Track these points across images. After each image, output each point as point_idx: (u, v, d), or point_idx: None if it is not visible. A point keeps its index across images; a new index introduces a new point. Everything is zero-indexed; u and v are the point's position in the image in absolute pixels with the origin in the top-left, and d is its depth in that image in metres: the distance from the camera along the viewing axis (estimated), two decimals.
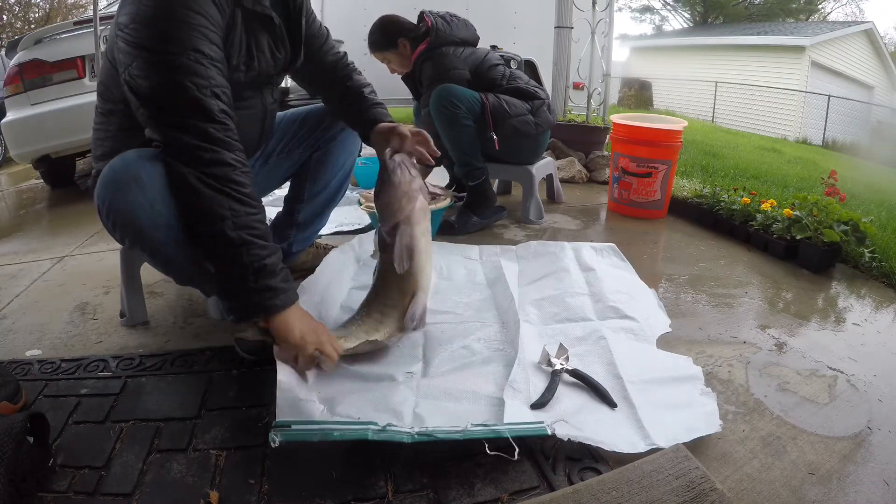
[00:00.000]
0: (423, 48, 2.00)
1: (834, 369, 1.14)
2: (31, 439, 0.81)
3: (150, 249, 0.97)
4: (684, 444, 0.84)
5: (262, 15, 1.05)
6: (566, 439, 0.85)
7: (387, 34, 2.06)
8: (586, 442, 0.85)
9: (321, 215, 1.48)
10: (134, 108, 0.94)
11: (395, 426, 0.85)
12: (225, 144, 0.91)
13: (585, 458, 0.85)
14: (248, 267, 0.90)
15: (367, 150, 1.49)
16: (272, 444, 0.80)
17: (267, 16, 1.06)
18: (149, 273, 1.55)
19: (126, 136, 1.02)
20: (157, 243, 0.96)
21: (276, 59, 1.14)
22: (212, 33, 0.92)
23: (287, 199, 1.45)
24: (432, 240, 1.81)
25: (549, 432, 0.85)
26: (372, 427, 0.84)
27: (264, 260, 0.91)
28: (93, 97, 1.16)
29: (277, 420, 0.85)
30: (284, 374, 0.91)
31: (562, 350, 1.07)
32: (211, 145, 0.89)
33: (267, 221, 0.99)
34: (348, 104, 1.30)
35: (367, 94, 1.30)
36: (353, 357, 1.02)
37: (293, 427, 0.83)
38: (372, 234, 1.55)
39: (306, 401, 0.88)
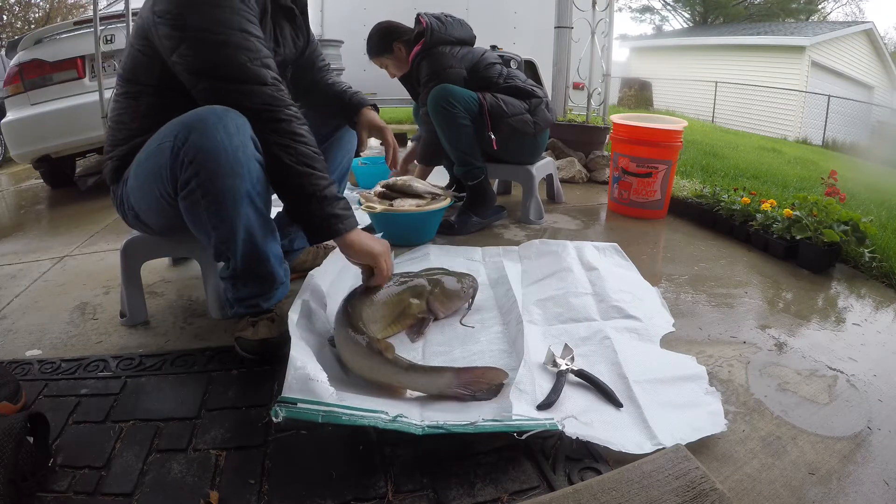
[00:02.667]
0: (418, 49, 2.01)
1: (834, 369, 1.14)
2: (31, 439, 0.81)
3: (212, 196, 0.97)
4: (688, 443, 0.84)
5: (286, 7, 1.22)
6: (575, 437, 0.85)
7: (382, 40, 2.09)
8: (595, 441, 0.85)
9: None
10: (189, 86, 1.02)
11: (406, 417, 0.83)
12: (280, 102, 1.01)
13: (585, 458, 0.85)
14: (312, 196, 1.02)
15: (368, 151, 1.49)
16: (274, 418, 0.78)
17: (289, 7, 1.23)
18: (149, 273, 1.56)
19: (157, 114, 1.08)
20: (224, 190, 0.97)
21: (297, 46, 1.29)
22: (252, 16, 1.03)
23: None
24: (432, 240, 1.83)
25: (560, 427, 0.85)
26: (382, 416, 0.82)
27: (324, 191, 1.03)
28: (93, 97, 1.19)
29: (283, 395, 0.82)
30: (298, 352, 0.89)
31: (567, 350, 1.07)
32: (268, 105, 1.00)
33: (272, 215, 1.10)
34: (331, 99, 1.44)
35: (347, 89, 1.46)
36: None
37: (299, 405, 0.81)
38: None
39: (317, 381, 0.85)
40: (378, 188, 1.88)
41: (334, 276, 1.30)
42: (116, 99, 1.15)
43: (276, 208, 1.49)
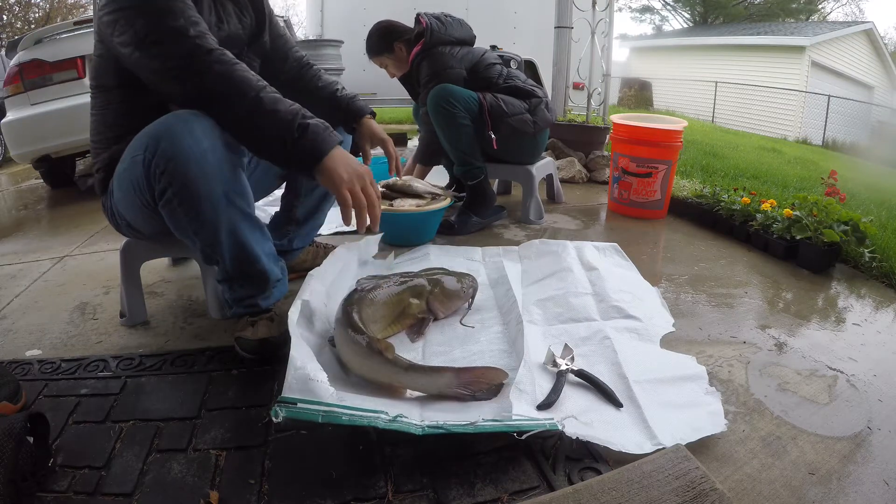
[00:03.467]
0: (418, 48, 2.01)
1: (834, 369, 1.14)
2: (31, 439, 0.81)
3: (188, 202, 0.97)
4: (688, 443, 0.84)
5: None
6: (575, 437, 0.85)
7: (382, 39, 2.08)
8: (594, 441, 0.85)
9: (319, 210, 1.48)
10: (130, 65, 1.00)
11: (406, 418, 0.83)
12: (201, 49, 0.95)
13: (585, 458, 0.85)
14: (281, 147, 0.96)
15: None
16: (274, 418, 0.78)
17: None
18: (149, 273, 1.56)
19: (127, 117, 1.08)
20: (199, 195, 0.97)
21: (244, 24, 1.24)
22: None
23: (284, 195, 1.45)
24: (432, 240, 1.83)
25: (560, 427, 0.85)
26: (382, 416, 0.82)
27: (293, 132, 0.95)
28: None
29: (283, 395, 0.82)
30: (298, 352, 0.90)
31: (567, 350, 1.07)
32: (192, 55, 0.94)
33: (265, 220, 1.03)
34: (324, 102, 1.38)
35: (340, 90, 1.40)
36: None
37: (299, 405, 0.81)
38: (377, 237, 1.56)
39: (316, 381, 0.85)
40: (378, 188, 1.87)
41: (334, 276, 1.30)
42: (91, 112, 1.16)
43: (274, 208, 1.51)
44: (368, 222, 0.99)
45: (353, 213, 0.97)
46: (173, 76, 0.96)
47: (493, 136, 1.93)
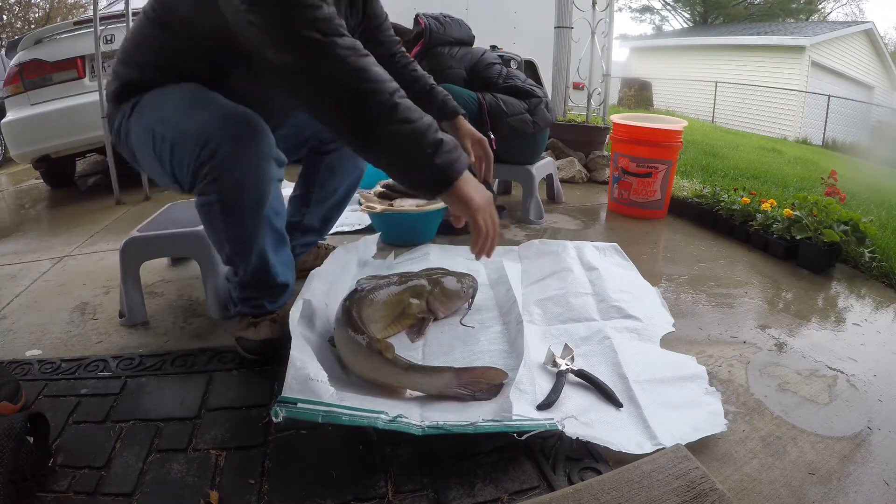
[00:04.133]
0: (418, 49, 2.01)
1: (834, 369, 1.14)
2: (31, 439, 0.81)
3: (232, 215, 0.97)
4: (688, 443, 0.84)
5: None
6: (575, 437, 0.85)
7: None
8: (594, 441, 0.85)
9: (327, 221, 1.48)
10: (235, 13, 0.83)
11: (406, 418, 0.84)
12: (334, 30, 0.83)
13: (585, 458, 0.85)
14: (414, 164, 0.87)
15: None
16: (275, 418, 0.78)
17: None
18: (149, 273, 1.56)
19: (179, 54, 0.99)
20: (245, 212, 0.97)
21: (349, 23, 1.19)
22: None
23: (292, 200, 1.45)
24: (432, 240, 1.83)
25: (560, 428, 0.85)
26: (382, 416, 0.82)
27: (427, 147, 0.85)
28: (93, 97, 1.17)
29: (283, 395, 0.83)
30: (299, 352, 0.90)
31: (567, 350, 1.07)
32: (322, 33, 0.82)
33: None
34: (418, 97, 1.25)
35: (434, 85, 1.34)
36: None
37: (299, 405, 0.81)
38: (375, 236, 1.56)
39: (317, 381, 0.85)
40: (378, 188, 1.88)
41: (335, 276, 1.30)
42: (142, 18, 1.02)
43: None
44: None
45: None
46: (288, 47, 0.81)
47: (492, 136, 1.93)
